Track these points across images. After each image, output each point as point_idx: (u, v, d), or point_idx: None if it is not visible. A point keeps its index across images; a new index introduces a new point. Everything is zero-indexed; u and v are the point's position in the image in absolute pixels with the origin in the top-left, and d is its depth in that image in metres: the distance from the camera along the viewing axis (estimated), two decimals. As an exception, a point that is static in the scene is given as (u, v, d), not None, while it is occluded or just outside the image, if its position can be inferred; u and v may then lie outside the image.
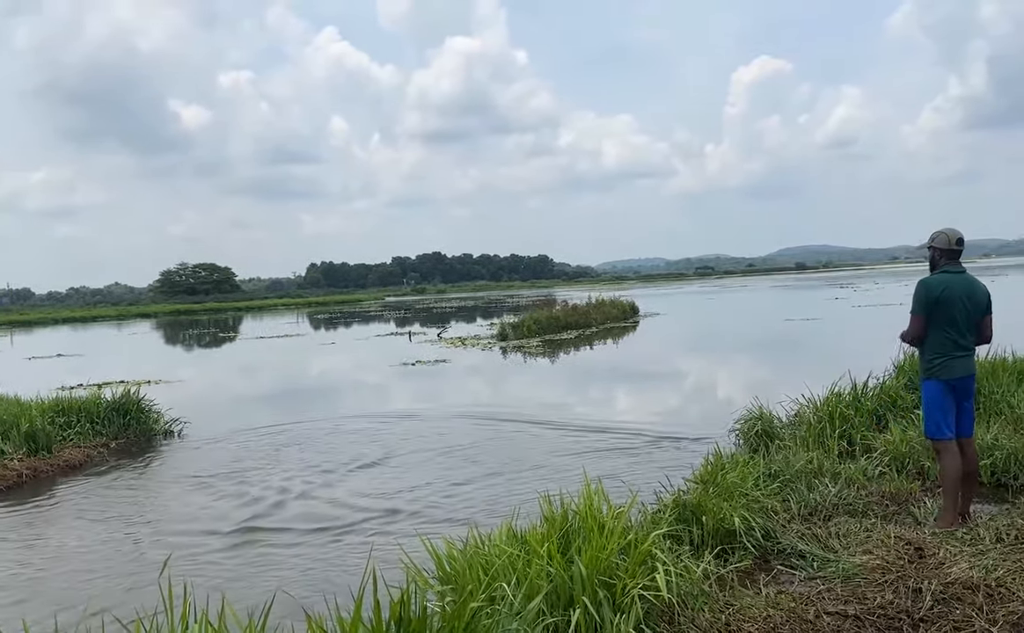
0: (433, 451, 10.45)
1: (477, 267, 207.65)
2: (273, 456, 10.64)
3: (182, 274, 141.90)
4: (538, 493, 7.72)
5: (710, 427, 10.95)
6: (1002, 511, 6.02)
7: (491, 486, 8.57)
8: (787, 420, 9.98)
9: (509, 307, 58.89)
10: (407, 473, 9.37)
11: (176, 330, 54.21)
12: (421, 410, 13.84)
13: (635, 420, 12.04)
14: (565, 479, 8.52)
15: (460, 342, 27.96)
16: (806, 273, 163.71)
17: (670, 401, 13.97)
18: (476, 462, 9.71)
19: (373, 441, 11.30)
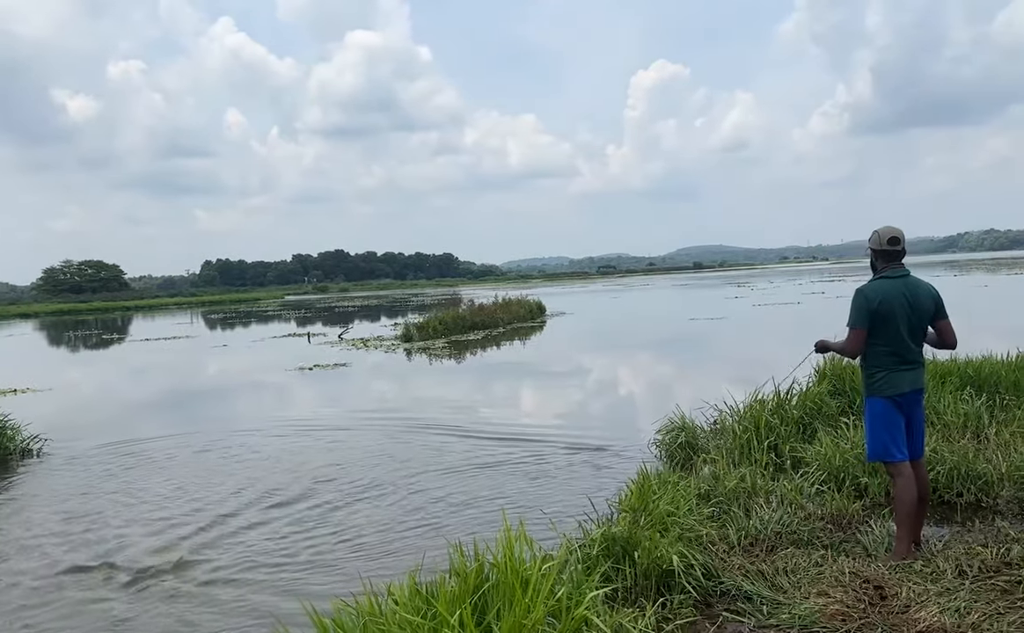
0: (322, 470, 9.40)
1: (381, 265, 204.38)
2: (128, 484, 9.29)
3: (67, 272, 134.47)
4: (446, 526, 6.99)
5: (630, 435, 10.39)
6: (954, 535, 5.54)
7: (391, 515, 7.66)
8: (709, 428, 9.48)
9: (414, 306, 57.77)
10: (285, 501, 8.25)
11: (57, 331, 50.76)
12: (314, 419, 12.80)
13: (551, 428, 11.34)
14: (478, 501, 7.73)
15: (362, 343, 26.77)
16: (703, 272, 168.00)
17: (585, 406, 13.34)
18: (375, 483, 8.77)
19: (249, 459, 10.19)
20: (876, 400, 5.12)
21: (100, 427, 13.11)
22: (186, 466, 9.98)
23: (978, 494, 6.29)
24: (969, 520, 5.98)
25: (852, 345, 5.17)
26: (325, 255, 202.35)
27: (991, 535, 5.42)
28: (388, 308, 60.05)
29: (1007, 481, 6.36)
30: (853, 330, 5.15)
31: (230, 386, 18.95)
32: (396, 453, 10.10)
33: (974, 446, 7.52)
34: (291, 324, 44.13)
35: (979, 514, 6.11)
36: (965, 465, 6.44)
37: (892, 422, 5.07)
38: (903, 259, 5.21)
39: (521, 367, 19.73)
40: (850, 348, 5.19)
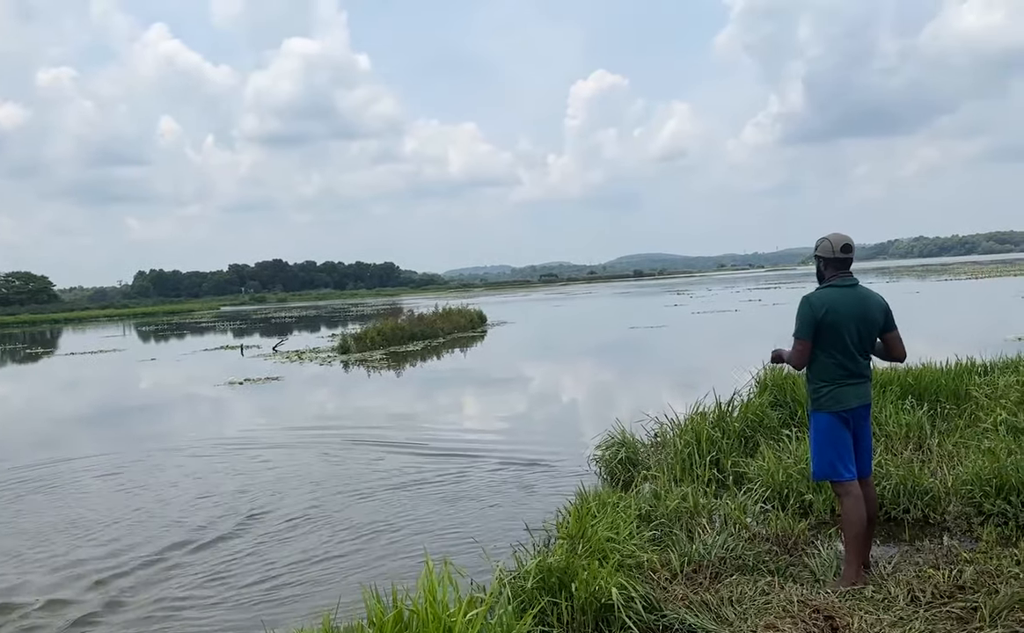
0: (240, 497, 8.79)
1: (321, 275, 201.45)
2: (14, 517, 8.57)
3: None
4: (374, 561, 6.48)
5: (570, 449, 10.06)
6: (904, 555, 5.30)
7: (311, 544, 7.15)
8: (650, 441, 9.21)
9: (354, 316, 56.89)
10: (191, 530, 7.69)
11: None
12: (238, 438, 12.18)
13: (490, 442, 10.95)
14: (411, 527, 7.27)
15: (297, 356, 26.00)
16: (643, 280, 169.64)
17: (525, 419, 12.97)
18: (300, 511, 8.23)
19: (158, 485, 9.58)
20: (821, 416, 4.83)
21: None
22: (87, 495, 9.29)
23: (925, 510, 6.09)
24: (918, 538, 5.78)
25: (797, 357, 4.88)
26: (263, 265, 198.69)
27: (942, 555, 5.20)
28: (327, 319, 58.97)
29: (953, 496, 6.18)
30: (798, 341, 4.85)
31: (153, 403, 18.05)
32: (325, 474, 9.58)
33: (918, 458, 7.39)
34: (225, 336, 42.89)
35: (927, 531, 5.92)
36: (911, 480, 6.24)
37: (839, 439, 4.80)
38: (850, 267, 4.97)
39: (460, 378, 19.30)
40: (795, 360, 4.91)
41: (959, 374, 9.82)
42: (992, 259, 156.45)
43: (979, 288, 46.02)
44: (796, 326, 4.87)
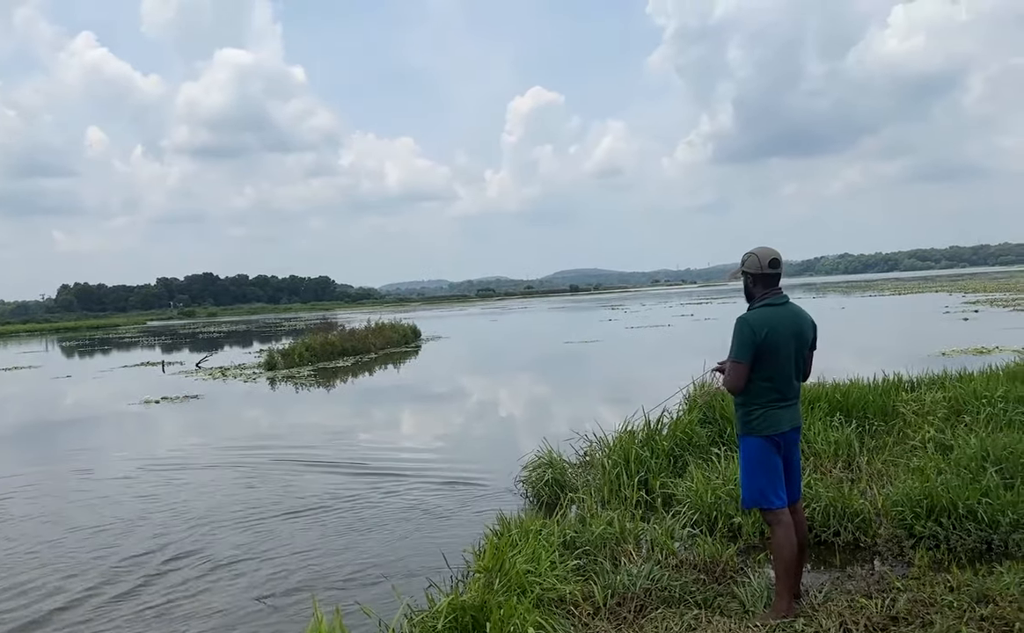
0: (136, 536, 8.18)
1: (253, 289, 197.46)
2: None
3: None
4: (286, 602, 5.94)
5: (497, 467, 9.69)
6: (835, 583, 5.08)
7: (218, 597, 6.63)
8: (578, 461, 8.92)
9: (287, 330, 55.61)
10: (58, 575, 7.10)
11: None
12: (144, 461, 11.44)
13: (414, 461, 10.51)
14: (323, 561, 6.76)
15: (221, 373, 25.07)
16: (579, 295, 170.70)
17: (453, 437, 12.54)
18: (201, 547, 7.68)
19: (28, 516, 8.90)
20: (752, 440, 4.55)
21: None
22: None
23: (856, 533, 5.91)
24: (849, 563, 5.58)
25: (734, 379, 4.53)
26: (192, 278, 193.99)
27: (873, 583, 5.00)
28: (259, 333, 57.52)
29: (884, 518, 6.02)
30: (736, 364, 4.51)
31: (55, 422, 17.00)
32: (232, 503, 8.99)
33: (847, 477, 7.25)
34: (150, 351, 41.38)
35: (858, 555, 5.73)
36: (841, 501, 6.06)
37: (770, 464, 4.54)
38: (779, 283, 4.73)
39: (390, 395, 18.78)
40: (732, 382, 4.55)
41: (887, 390, 9.80)
42: (913, 276, 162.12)
43: (902, 304, 47.37)
44: (734, 348, 4.52)
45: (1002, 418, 8.29)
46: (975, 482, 5.97)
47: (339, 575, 6.28)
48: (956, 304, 39.66)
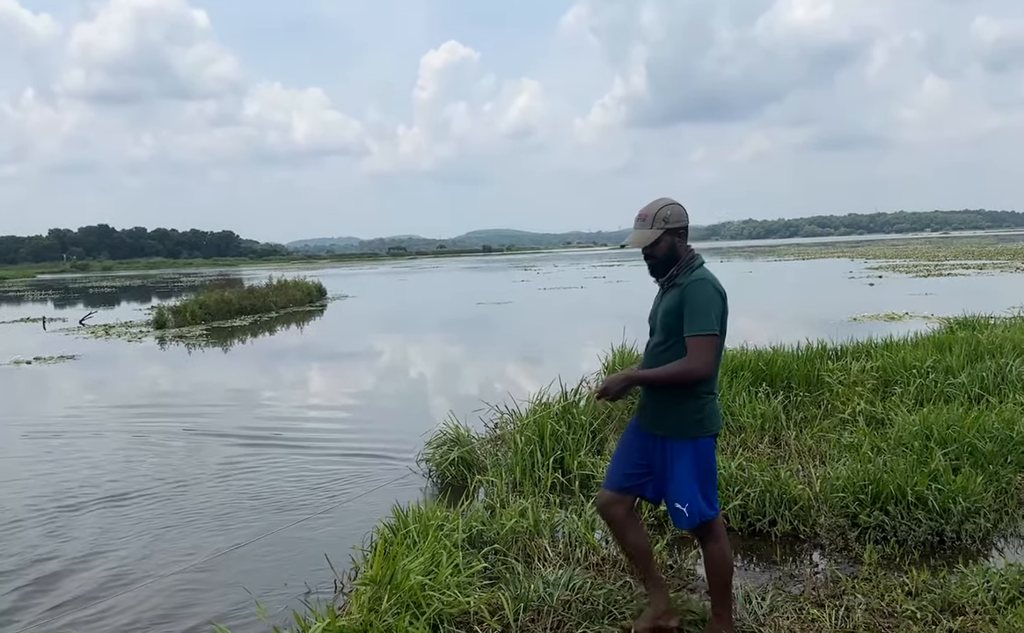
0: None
1: (152, 242, 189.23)
2: None
3: None
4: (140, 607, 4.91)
5: (397, 439, 8.81)
6: (776, 584, 4.43)
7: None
8: (488, 436, 8.13)
9: (186, 286, 53.09)
10: None
11: None
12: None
13: (299, 431, 9.51)
14: (169, 564, 5.73)
15: (104, 331, 23.24)
16: (492, 255, 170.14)
17: (349, 406, 11.52)
18: (39, 539, 6.56)
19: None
20: (706, 442, 3.59)
21: None
22: None
23: (794, 522, 5.29)
24: (789, 558, 4.96)
25: (706, 360, 3.44)
26: (87, 230, 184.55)
27: (821, 585, 4.38)
28: (156, 289, 54.70)
29: (823, 504, 5.43)
30: (710, 338, 3.44)
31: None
32: (82, 477, 7.84)
33: (774, 453, 6.70)
34: (38, 306, 38.53)
35: (798, 549, 5.11)
36: (778, 487, 5.43)
37: (714, 468, 3.72)
38: None
39: (288, 357, 17.59)
40: (702, 364, 3.45)
41: (811, 359, 9.32)
42: (814, 241, 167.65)
43: (807, 268, 48.38)
44: (701, 319, 3.42)
45: (933, 389, 7.90)
46: (921, 465, 5.44)
47: (186, 580, 5.30)
48: (859, 270, 40.60)
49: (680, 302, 3.50)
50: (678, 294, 3.53)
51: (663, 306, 3.61)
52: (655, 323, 3.70)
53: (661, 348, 3.60)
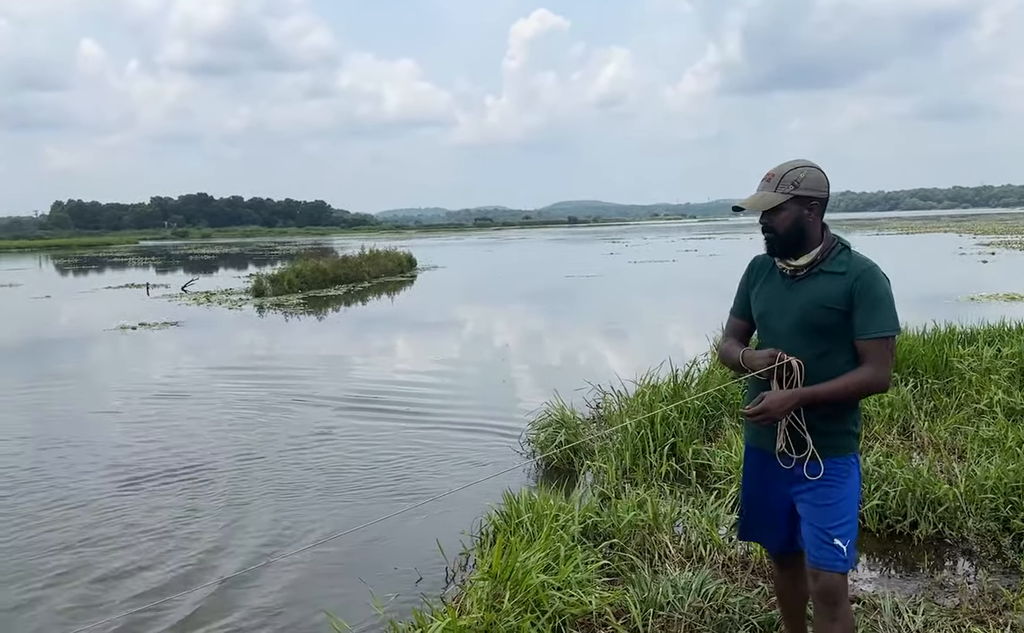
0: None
1: (248, 211, 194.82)
2: None
3: None
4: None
5: (494, 413, 8.70)
6: (925, 593, 4.03)
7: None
8: (592, 416, 7.87)
9: (281, 254, 54.35)
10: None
11: None
12: (103, 396, 10.35)
13: (399, 401, 9.44)
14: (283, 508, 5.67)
15: (206, 298, 23.92)
16: (578, 227, 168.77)
17: (447, 377, 11.39)
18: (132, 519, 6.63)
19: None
20: (857, 458, 2.92)
21: None
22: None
23: (938, 524, 4.85)
24: (937, 566, 4.53)
25: (891, 365, 2.78)
26: (187, 198, 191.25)
27: (978, 597, 3.96)
28: (252, 256, 56.20)
29: (970, 506, 4.96)
30: (893, 339, 2.76)
31: (8, 350, 15.80)
32: (186, 449, 7.92)
33: (905, 446, 6.23)
34: (140, 272, 40.13)
35: (944, 553, 4.68)
36: (920, 486, 4.98)
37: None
38: None
39: (381, 326, 17.68)
40: (889, 374, 2.76)
41: (938, 342, 8.70)
42: (916, 215, 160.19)
43: (913, 244, 46.14)
44: (887, 316, 2.72)
45: (1083, 381, 7.23)
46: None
47: (298, 561, 5.22)
48: (969, 246, 38.43)
49: (847, 295, 2.73)
50: (839, 285, 2.75)
51: (810, 300, 2.78)
52: (786, 322, 2.83)
53: (815, 355, 2.75)
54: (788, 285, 2.86)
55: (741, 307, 3.06)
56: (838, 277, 2.77)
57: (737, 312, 3.07)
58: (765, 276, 2.96)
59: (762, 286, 2.95)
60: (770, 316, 2.90)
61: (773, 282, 2.92)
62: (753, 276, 3.02)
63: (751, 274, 3.03)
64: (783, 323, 2.83)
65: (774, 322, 2.88)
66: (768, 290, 2.93)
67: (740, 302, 3.06)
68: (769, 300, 2.91)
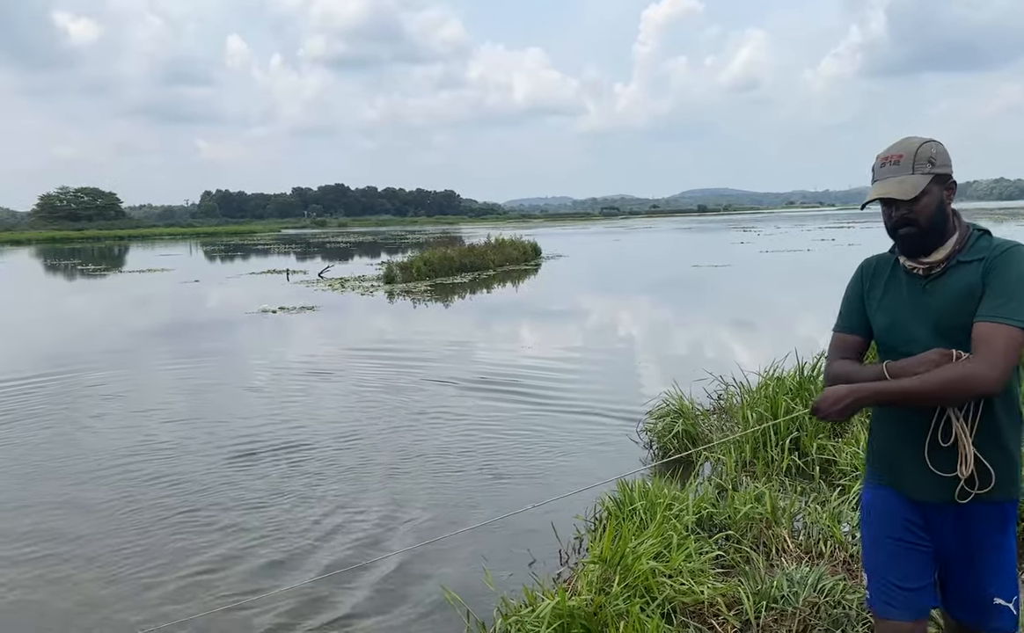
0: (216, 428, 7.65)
1: (381, 201, 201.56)
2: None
3: (63, 199, 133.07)
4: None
5: (613, 402, 8.73)
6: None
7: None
8: (712, 407, 7.75)
9: (412, 243, 55.93)
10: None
11: (42, 259, 49.42)
12: (242, 379, 11.00)
13: (522, 384, 9.60)
14: (409, 512, 5.88)
15: (340, 284, 24.96)
16: (708, 215, 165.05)
17: (567, 365, 11.43)
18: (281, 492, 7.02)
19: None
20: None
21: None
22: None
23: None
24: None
25: (1011, 360, 2.25)
26: (325, 189, 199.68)
27: None
28: (384, 245, 58.10)
29: None
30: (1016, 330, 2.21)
31: (161, 328, 16.93)
32: (318, 426, 8.32)
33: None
34: (280, 259, 42.29)
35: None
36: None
37: None
38: None
39: (506, 314, 17.94)
40: (1004, 368, 2.20)
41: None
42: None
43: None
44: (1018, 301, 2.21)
45: None
46: None
47: (421, 525, 5.41)
48: None
49: (982, 279, 2.27)
50: (977, 273, 2.28)
51: (950, 298, 2.29)
52: (922, 331, 2.32)
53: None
54: (921, 287, 2.35)
55: (853, 321, 2.51)
56: (976, 265, 2.30)
57: (847, 327, 2.52)
58: (885, 281, 2.46)
59: (884, 294, 2.45)
60: (901, 328, 2.37)
61: (898, 287, 2.41)
62: (868, 283, 2.50)
63: (864, 281, 2.52)
64: (918, 333, 2.32)
65: (906, 334, 2.35)
66: (893, 297, 2.42)
67: (851, 314, 2.52)
68: (897, 308, 2.39)
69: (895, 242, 2.40)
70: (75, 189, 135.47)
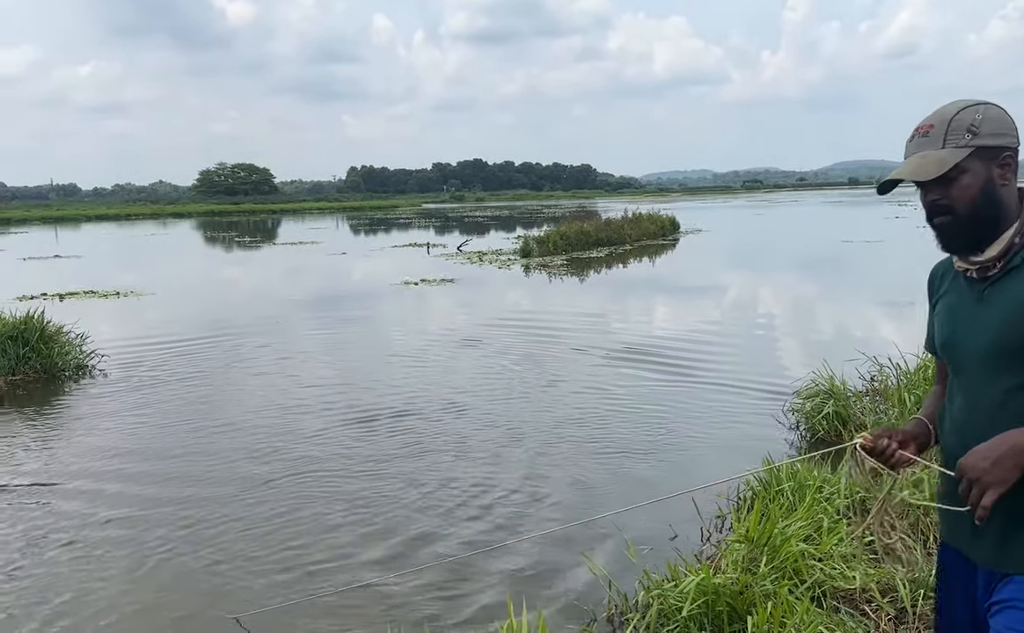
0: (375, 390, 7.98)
1: (518, 175, 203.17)
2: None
3: (221, 174, 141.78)
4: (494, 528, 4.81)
5: (758, 381, 8.51)
6: None
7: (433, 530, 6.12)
8: (865, 389, 7.40)
9: (547, 217, 56.12)
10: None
11: (202, 232, 52.99)
12: (377, 351, 11.39)
13: (664, 356, 9.50)
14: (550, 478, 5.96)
15: (478, 257, 25.40)
16: (859, 189, 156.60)
17: (706, 341, 11.20)
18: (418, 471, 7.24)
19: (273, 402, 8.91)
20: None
21: (171, 342, 12.17)
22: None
23: None
24: None
25: None
26: (464, 164, 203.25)
27: None
28: (520, 219, 58.62)
29: None
30: None
31: (309, 300, 17.67)
32: (452, 400, 8.52)
33: None
34: (420, 232, 43.51)
35: None
36: None
37: None
38: None
39: (643, 289, 17.76)
40: None
41: None
42: None
43: None
44: None
45: None
46: None
47: (563, 498, 5.47)
48: None
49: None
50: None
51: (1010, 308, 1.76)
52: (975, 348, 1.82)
53: (1010, 387, 1.75)
54: (977, 294, 1.85)
55: (931, 338, 2.04)
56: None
57: (929, 345, 2.07)
58: (947, 287, 1.98)
59: (943, 302, 1.97)
60: (957, 345, 1.88)
61: (957, 293, 1.93)
62: (935, 291, 2.03)
63: (932, 289, 2.05)
64: (973, 349, 1.83)
65: (961, 351, 1.87)
66: (950, 306, 1.94)
67: (929, 330, 2.06)
68: (953, 319, 1.91)
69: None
70: (232, 165, 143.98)
